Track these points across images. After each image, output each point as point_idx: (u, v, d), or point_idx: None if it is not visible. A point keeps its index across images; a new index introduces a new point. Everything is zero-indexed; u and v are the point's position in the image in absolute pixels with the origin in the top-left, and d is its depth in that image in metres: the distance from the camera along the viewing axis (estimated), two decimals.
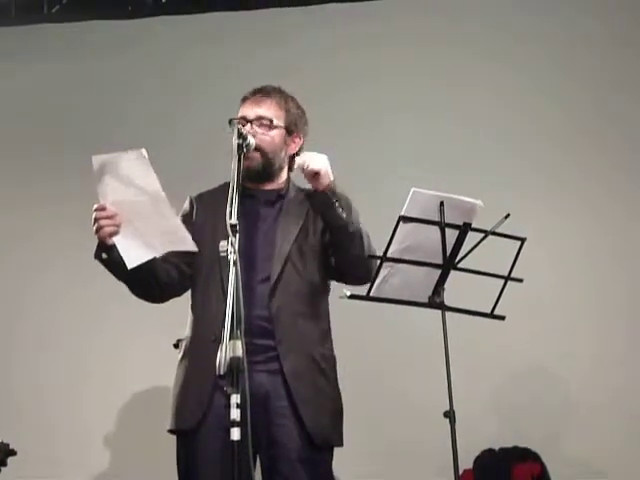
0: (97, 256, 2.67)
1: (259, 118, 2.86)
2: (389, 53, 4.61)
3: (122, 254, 2.61)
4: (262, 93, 2.92)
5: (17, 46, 4.91)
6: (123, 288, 2.80)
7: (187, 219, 2.88)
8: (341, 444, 2.80)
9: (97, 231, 2.62)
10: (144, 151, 2.53)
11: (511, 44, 4.55)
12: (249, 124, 2.84)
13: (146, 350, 4.35)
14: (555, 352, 4.18)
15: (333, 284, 2.92)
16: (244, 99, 2.93)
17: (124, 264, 2.61)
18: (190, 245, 2.60)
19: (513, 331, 3.56)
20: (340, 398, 2.83)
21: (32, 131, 4.82)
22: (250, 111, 2.88)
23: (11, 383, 4.47)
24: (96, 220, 2.61)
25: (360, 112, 4.53)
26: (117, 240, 2.62)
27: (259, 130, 2.84)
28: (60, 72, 4.86)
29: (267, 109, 2.88)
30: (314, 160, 2.69)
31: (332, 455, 2.80)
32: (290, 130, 2.91)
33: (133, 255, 2.61)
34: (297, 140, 2.94)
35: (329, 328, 2.87)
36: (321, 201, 2.71)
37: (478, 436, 3.96)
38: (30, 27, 4.95)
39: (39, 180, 4.75)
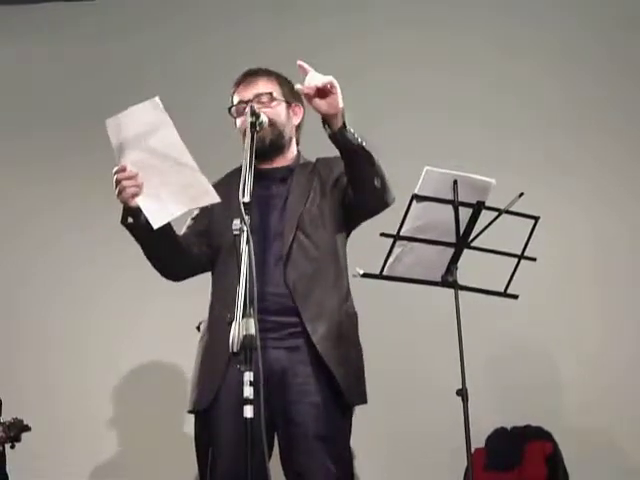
0: (123, 221, 2.68)
1: (257, 95, 2.87)
2: (391, 40, 4.60)
3: (147, 214, 2.58)
4: (250, 75, 2.93)
5: (18, 26, 4.89)
6: (125, 273, 2.80)
7: (204, 209, 2.88)
8: (365, 401, 2.81)
9: (119, 193, 2.61)
10: (157, 100, 2.50)
11: (515, 30, 4.55)
12: (248, 103, 2.82)
13: (148, 334, 4.38)
14: (566, 331, 4.20)
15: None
16: (236, 85, 2.94)
17: (150, 227, 2.60)
18: (213, 197, 2.56)
19: (525, 310, 3.57)
20: (362, 356, 2.84)
21: (33, 113, 4.81)
22: (246, 93, 2.89)
23: (15, 367, 4.48)
24: (117, 182, 2.60)
25: (363, 100, 4.51)
26: (140, 201, 2.60)
27: (260, 107, 2.83)
28: (63, 53, 4.85)
29: (262, 86, 2.90)
30: (315, 77, 2.58)
31: (351, 422, 2.81)
32: (288, 101, 2.92)
33: (158, 215, 2.58)
34: (297, 110, 2.96)
35: (348, 284, 2.87)
36: (335, 126, 2.60)
37: (490, 415, 3.99)
38: (31, 6, 4.91)
39: (39, 161, 4.76)
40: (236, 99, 2.91)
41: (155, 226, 2.59)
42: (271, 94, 2.88)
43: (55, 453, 4.26)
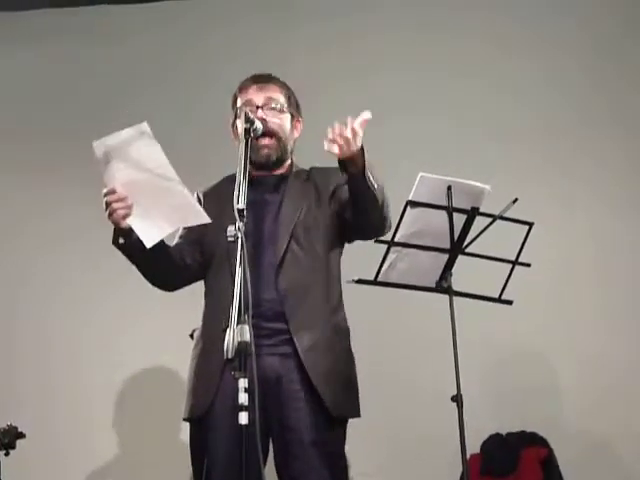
0: (114, 242, 2.68)
1: (269, 100, 2.86)
2: (391, 41, 4.59)
3: (139, 234, 2.59)
4: (263, 79, 2.91)
5: (21, 31, 4.88)
6: (123, 277, 2.79)
7: None
8: (358, 414, 2.80)
9: (110, 215, 2.61)
10: (145, 125, 2.50)
11: (515, 32, 4.53)
12: (259, 109, 2.83)
13: (146, 338, 4.39)
14: (564, 335, 4.18)
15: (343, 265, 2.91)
16: (245, 86, 2.91)
17: (142, 246, 2.60)
18: (203, 218, 2.58)
19: (523, 314, 3.55)
20: (354, 369, 2.82)
21: (35, 117, 4.80)
22: (257, 96, 2.87)
23: (13, 369, 4.48)
24: (107, 204, 2.60)
25: (363, 101, 4.49)
26: (131, 221, 2.60)
27: (270, 114, 2.83)
28: (63, 58, 4.84)
29: (274, 93, 2.88)
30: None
31: (345, 429, 2.79)
32: (292, 114, 2.92)
33: (150, 233, 2.59)
34: (298, 125, 2.96)
35: (341, 297, 2.85)
36: (355, 169, 2.56)
37: (485, 421, 3.97)
38: (35, 12, 4.90)
39: (40, 163, 4.75)
40: (244, 98, 2.88)
41: (148, 245, 2.60)
42: (282, 105, 2.88)
43: (50, 459, 4.24)
